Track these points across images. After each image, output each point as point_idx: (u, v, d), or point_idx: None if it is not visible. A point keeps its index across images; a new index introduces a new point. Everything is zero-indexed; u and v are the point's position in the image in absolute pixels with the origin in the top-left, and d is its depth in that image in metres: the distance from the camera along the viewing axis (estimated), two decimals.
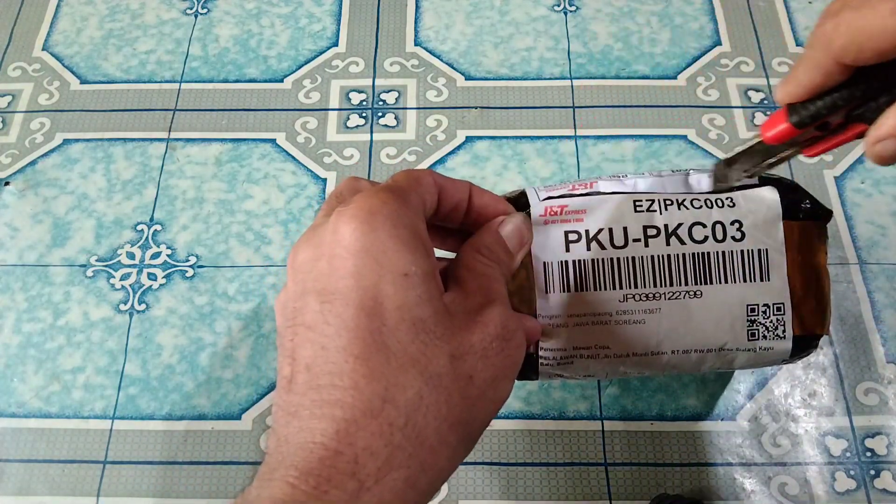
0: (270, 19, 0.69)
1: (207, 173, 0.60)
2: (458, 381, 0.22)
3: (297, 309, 0.22)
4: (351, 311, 0.21)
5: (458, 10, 0.68)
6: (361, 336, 0.20)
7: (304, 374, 0.21)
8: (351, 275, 0.21)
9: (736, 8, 0.68)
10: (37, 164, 0.61)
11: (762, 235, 0.34)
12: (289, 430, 0.20)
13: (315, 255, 0.22)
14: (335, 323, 0.21)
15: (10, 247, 0.58)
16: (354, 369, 0.20)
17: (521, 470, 0.48)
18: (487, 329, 0.23)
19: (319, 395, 0.20)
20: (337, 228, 0.22)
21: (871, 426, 0.49)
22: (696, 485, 0.48)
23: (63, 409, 0.52)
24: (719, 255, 0.33)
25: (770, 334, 0.34)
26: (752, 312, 0.34)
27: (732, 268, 0.34)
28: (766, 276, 0.34)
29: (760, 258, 0.34)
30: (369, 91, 0.64)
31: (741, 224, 0.33)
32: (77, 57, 0.67)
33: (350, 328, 0.20)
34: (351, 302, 0.21)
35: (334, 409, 0.20)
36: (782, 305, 0.34)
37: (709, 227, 0.33)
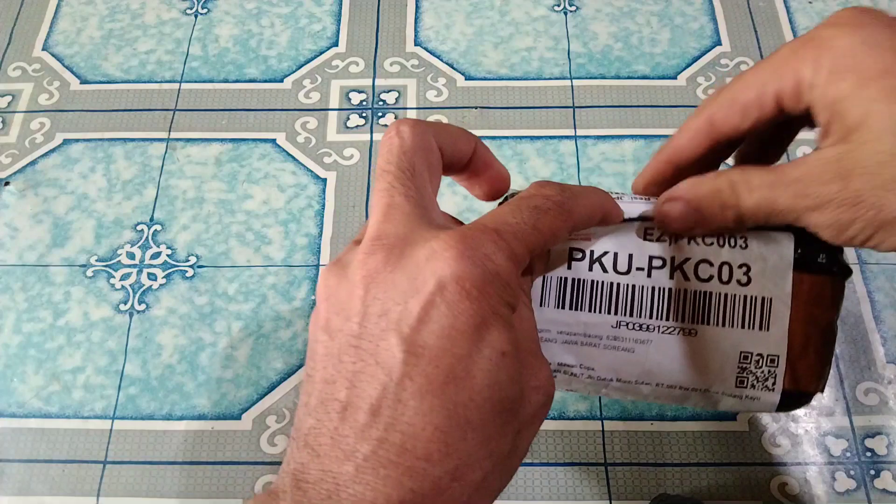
0: (270, 19, 0.69)
1: (207, 173, 0.60)
2: (511, 458, 0.22)
3: (369, 334, 0.20)
4: (441, 376, 0.19)
5: (458, 10, 0.68)
6: (446, 407, 0.19)
7: (368, 415, 0.19)
8: (447, 337, 0.20)
9: (736, 8, 0.68)
10: (37, 164, 0.61)
11: (769, 283, 0.33)
12: (339, 469, 0.19)
13: (408, 288, 0.20)
14: (420, 382, 0.19)
15: (11, 247, 0.58)
16: (432, 440, 0.19)
17: (520, 470, 0.48)
18: (542, 398, 0.23)
19: (386, 452, 0.19)
20: (442, 276, 0.20)
21: (871, 426, 0.49)
22: (696, 485, 0.48)
23: (63, 409, 0.52)
24: (721, 297, 0.33)
25: (759, 384, 0.34)
26: (745, 360, 0.33)
27: (733, 312, 0.33)
28: (766, 326, 0.33)
29: (763, 307, 0.33)
30: (369, 91, 0.64)
31: (749, 269, 0.32)
32: (77, 57, 0.67)
33: (436, 394, 0.19)
34: (441, 367, 0.19)
35: (403, 476, 0.19)
36: (776, 358, 0.33)
37: (716, 266, 0.33)
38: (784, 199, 0.26)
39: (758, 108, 0.27)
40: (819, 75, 0.23)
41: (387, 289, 0.21)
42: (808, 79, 0.24)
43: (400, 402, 0.19)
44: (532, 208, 0.23)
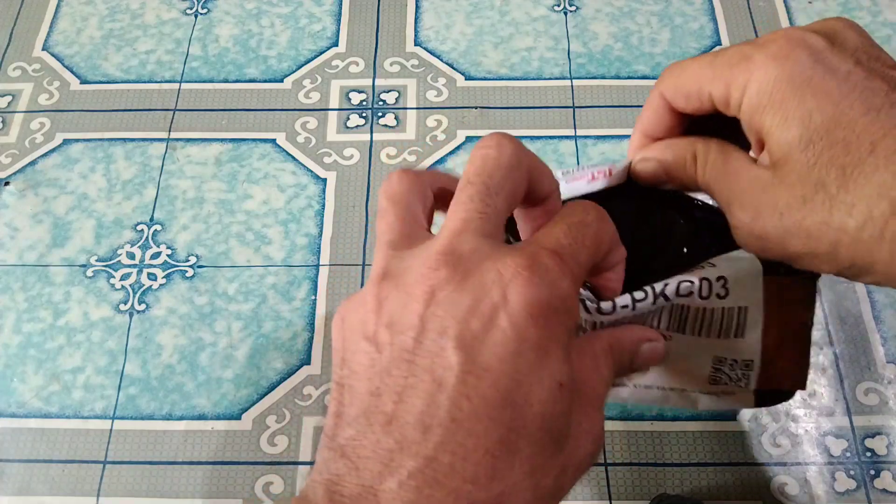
0: (270, 19, 0.69)
1: (207, 173, 0.60)
2: (553, 495, 0.21)
3: (426, 350, 0.20)
4: (498, 399, 0.19)
5: (458, 11, 0.68)
6: (500, 431, 0.19)
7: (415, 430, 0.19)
8: (510, 361, 0.19)
9: (735, 8, 0.68)
10: (37, 164, 0.61)
11: (745, 292, 0.33)
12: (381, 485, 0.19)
13: (472, 307, 0.20)
14: (477, 403, 0.19)
15: (11, 247, 0.58)
16: (481, 464, 0.19)
17: None
18: (592, 447, 0.23)
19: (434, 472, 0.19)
20: (510, 300, 0.20)
21: (871, 426, 0.49)
22: (696, 485, 0.48)
23: (63, 409, 0.52)
24: (700, 312, 0.33)
25: (733, 385, 0.34)
26: (720, 363, 0.33)
27: (710, 324, 0.33)
28: (742, 334, 0.33)
29: (739, 316, 0.33)
30: (369, 91, 0.64)
31: (726, 280, 0.33)
32: (77, 57, 0.67)
33: (492, 418, 0.19)
34: (500, 390, 0.19)
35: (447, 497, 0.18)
36: (751, 363, 0.34)
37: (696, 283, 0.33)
38: (720, 192, 0.27)
39: (697, 101, 0.28)
40: (745, 101, 0.24)
41: (449, 307, 0.20)
42: (737, 99, 0.25)
43: (454, 420, 0.19)
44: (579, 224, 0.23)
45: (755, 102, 0.24)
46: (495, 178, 0.22)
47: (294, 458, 0.49)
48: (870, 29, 0.66)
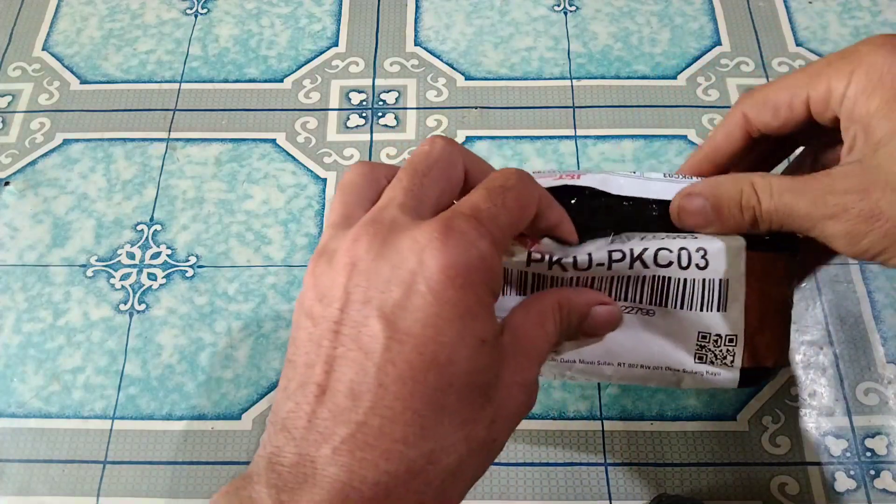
0: (270, 19, 0.69)
1: (207, 173, 0.61)
2: (488, 445, 0.22)
3: (351, 320, 0.21)
4: (423, 362, 0.20)
5: (458, 10, 0.68)
6: (426, 392, 0.20)
7: (346, 398, 0.20)
8: (431, 325, 0.20)
9: (736, 8, 0.68)
10: (37, 164, 0.61)
11: (726, 265, 0.33)
12: (317, 452, 0.19)
13: (391, 276, 0.21)
14: (402, 368, 0.20)
15: (10, 247, 0.58)
16: (409, 424, 0.19)
17: (520, 470, 0.48)
18: (523, 397, 0.23)
19: (364, 436, 0.19)
20: (426, 265, 0.20)
21: (871, 426, 0.49)
22: (695, 485, 0.48)
23: (63, 409, 0.52)
24: (680, 282, 0.33)
25: (718, 361, 0.34)
26: (703, 339, 0.33)
27: (692, 296, 0.33)
28: (724, 307, 0.33)
29: (720, 289, 0.33)
30: (369, 91, 0.64)
31: (706, 252, 0.33)
32: (77, 57, 0.67)
33: (417, 380, 0.20)
34: (423, 354, 0.20)
35: (379, 458, 0.19)
36: (735, 337, 0.34)
37: (675, 252, 0.33)
38: (803, 205, 0.26)
39: (788, 110, 0.28)
40: (851, 89, 0.24)
41: (370, 276, 0.21)
42: (840, 91, 0.25)
43: (381, 386, 0.20)
44: (499, 188, 0.24)
45: (863, 86, 0.24)
46: (422, 165, 0.24)
47: None
48: (870, 29, 0.66)
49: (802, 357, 0.52)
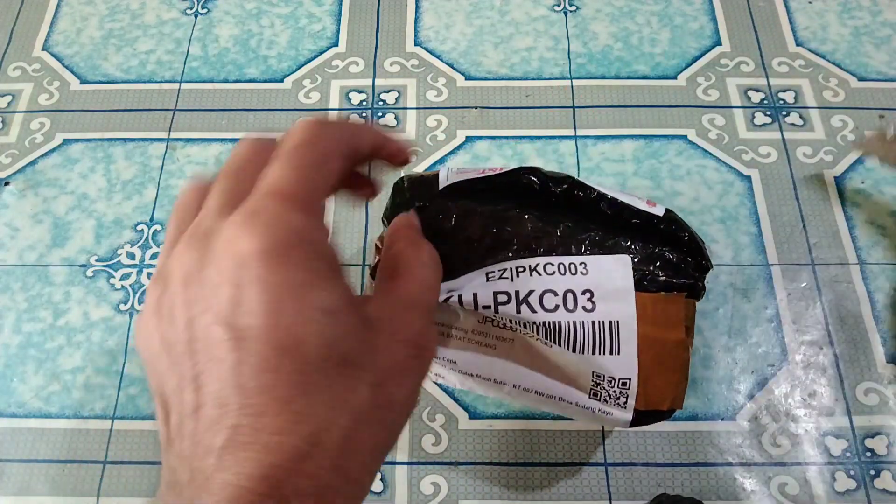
0: (270, 19, 0.69)
1: (207, 173, 0.60)
2: (379, 410, 0.21)
3: (199, 334, 0.21)
4: (271, 350, 0.20)
5: (458, 10, 0.68)
6: (285, 377, 0.19)
7: (217, 409, 0.20)
8: (267, 312, 0.20)
9: (736, 8, 0.68)
10: (37, 164, 0.61)
11: (614, 307, 0.32)
12: (204, 464, 0.19)
13: (219, 280, 0.20)
14: (253, 362, 0.20)
15: (10, 247, 0.58)
16: (280, 413, 0.19)
17: (520, 470, 0.48)
18: (410, 351, 0.23)
19: (241, 437, 0.19)
20: (242, 257, 0.20)
21: (871, 426, 0.49)
22: (695, 485, 0.48)
23: (63, 409, 0.52)
24: (570, 326, 0.32)
25: (612, 401, 0.33)
26: (598, 378, 0.33)
27: (583, 339, 0.32)
28: (616, 350, 0.32)
29: (611, 331, 0.32)
30: (369, 91, 0.64)
31: (592, 294, 0.32)
32: (77, 57, 0.67)
33: (272, 369, 0.19)
34: (270, 342, 0.20)
35: (260, 453, 0.19)
36: (628, 381, 0.33)
37: (560, 295, 0.32)
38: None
39: None
40: None
41: (202, 286, 0.21)
42: None
43: (241, 387, 0.20)
44: (292, 150, 0.24)
45: None
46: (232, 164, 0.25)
47: None
48: (869, 29, 0.66)
49: (802, 357, 0.52)
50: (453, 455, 0.49)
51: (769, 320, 0.53)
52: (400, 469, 0.49)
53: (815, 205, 0.57)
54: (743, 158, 0.59)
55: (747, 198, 0.58)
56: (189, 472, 0.20)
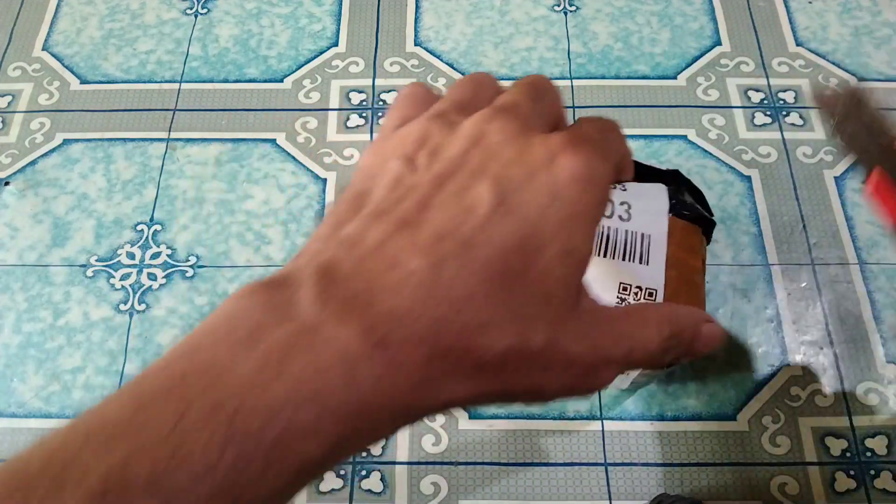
0: (270, 19, 0.69)
1: (207, 173, 0.60)
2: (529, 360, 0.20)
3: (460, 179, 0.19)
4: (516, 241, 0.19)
5: (458, 11, 0.68)
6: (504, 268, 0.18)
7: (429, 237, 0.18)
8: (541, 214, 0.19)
9: (736, 8, 0.68)
10: (37, 164, 0.61)
11: (648, 222, 0.34)
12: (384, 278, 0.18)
13: (516, 159, 0.20)
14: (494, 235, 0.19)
15: (11, 247, 0.58)
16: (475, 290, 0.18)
17: (521, 470, 0.48)
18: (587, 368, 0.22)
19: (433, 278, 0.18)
20: (556, 163, 0.20)
21: (871, 426, 0.49)
22: (696, 485, 0.48)
23: (63, 409, 0.52)
24: (605, 230, 0.34)
25: None
26: (624, 291, 0.34)
27: (614, 244, 0.34)
28: (646, 261, 0.34)
29: (643, 242, 0.34)
30: (369, 91, 0.64)
31: (630, 206, 0.34)
32: (77, 57, 0.67)
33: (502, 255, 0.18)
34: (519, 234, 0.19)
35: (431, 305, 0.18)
36: (654, 291, 0.35)
37: None
38: None
39: None
40: None
41: (493, 152, 0.20)
42: None
43: (467, 244, 0.18)
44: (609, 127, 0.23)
45: None
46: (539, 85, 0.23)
47: None
48: (869, 29, 0.66)
49: (802, 357, 0.52)
50: (453, 455, 0.49)
51: (769, 320, 0.53)
52: (400, 469, 0.49)
53: (815, 205, 0.57)
54: (743, 158, 0.59)
55: (747, 198, 0.58)
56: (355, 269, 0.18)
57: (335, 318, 0.17)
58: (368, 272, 0.18)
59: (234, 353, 0.18)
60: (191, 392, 0.18)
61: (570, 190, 0.20)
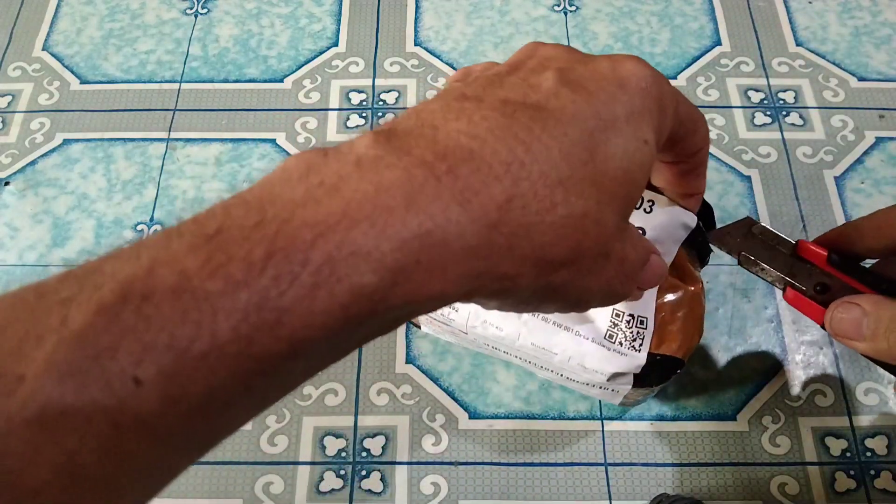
0: (270, 19, 0.69)
1: (207, 173, 0.60)
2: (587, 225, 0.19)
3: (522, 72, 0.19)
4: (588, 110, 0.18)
5: (458, 10, 0.68)
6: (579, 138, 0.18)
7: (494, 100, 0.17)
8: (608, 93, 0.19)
9: (736, 8, 0.68)
10: (37, 164, 0.61)
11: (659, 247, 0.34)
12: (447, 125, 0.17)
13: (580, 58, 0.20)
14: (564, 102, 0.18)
15: (10, 247, 0.58)
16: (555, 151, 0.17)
17: (521, 470, 0.48)
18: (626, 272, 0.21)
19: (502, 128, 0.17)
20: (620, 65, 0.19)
21: (871, 426, 0.49)
22: (696, 485, 0.48)
23: None
24: None
25: (627, 343, 0.34)
26: (617, 317, 0.34)
27: None
28: None
29: None
30: (369, 91, 0.64)
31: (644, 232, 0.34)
32: (77, 57, 0.67)
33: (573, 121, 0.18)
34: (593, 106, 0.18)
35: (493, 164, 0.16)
36: (646, 320, 0.34)
37: None
38: None
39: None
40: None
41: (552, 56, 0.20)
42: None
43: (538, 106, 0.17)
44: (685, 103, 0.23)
45: None
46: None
47: (294, 458, 0.49)
48: (869, 29, 0.66)
49: (802, 357, 0.52)
50: (453, 455, 0.49)
51: (769, 320, 0.53)
52: (400, 469, 0.49)
53: (815, 204, 0.57)
54: (743, 158, 0.59)
55: (747, 198, 0.58)
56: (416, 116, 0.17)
57: (397, 151, 0.16)
58: (430, 125, 0.17)
59: (285, 186, 0.17)
60: (231, 215, 0.16)
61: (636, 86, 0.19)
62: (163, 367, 0.13)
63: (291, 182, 0.16)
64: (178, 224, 0.16)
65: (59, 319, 0.13)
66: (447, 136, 0.16)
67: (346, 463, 0.49)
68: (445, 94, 0.19)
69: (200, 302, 0.14)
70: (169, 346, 0.13)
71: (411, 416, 0.50)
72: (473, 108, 0.17)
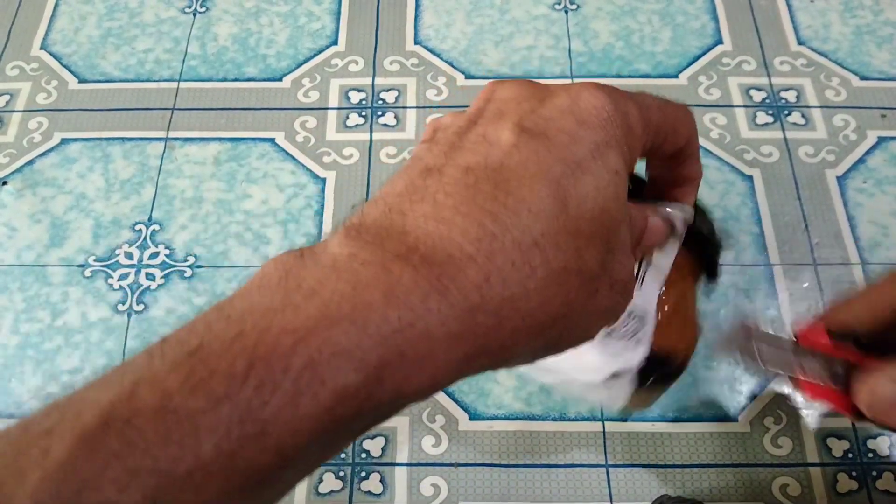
0: (269, 18, 0.68)
1: (206, 173, 0.60)
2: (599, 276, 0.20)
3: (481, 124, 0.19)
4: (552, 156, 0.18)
5: (458, 9, 0.68)
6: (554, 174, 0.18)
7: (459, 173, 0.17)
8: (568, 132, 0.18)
9: (737, 6, 0.67)
10: (35, 163, 0.61)
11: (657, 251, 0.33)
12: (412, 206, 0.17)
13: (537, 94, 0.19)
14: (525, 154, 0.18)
15: (8, 247, 0.57)
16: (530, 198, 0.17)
17: (521, 471, 0.48)
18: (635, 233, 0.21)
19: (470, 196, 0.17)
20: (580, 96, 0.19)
21: (872, 427, 0.49)
22: (697, 486, 0.48)
23: None
24: None
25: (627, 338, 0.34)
26: None
27: None
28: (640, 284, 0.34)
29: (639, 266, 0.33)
30: (369, 90, 0.64)
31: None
32: (75, 56, 0.67)
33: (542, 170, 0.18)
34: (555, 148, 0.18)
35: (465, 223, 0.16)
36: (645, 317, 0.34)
37: None
38: None
39: None
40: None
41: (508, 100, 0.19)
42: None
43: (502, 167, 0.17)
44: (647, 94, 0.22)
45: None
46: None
47: None
48: (871, 28, 0.66)
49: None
50: (453, 456, 0.49)
51: (771, 320, 0.53)
52: (400, 470, 0.48)
53: (817, 204, 0.57)
54: (745, 158, 0.59)
55: (749, 197, 0.57)
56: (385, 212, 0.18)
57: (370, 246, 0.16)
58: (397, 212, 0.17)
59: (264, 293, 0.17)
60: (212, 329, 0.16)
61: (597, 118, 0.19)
62: (148, 492, 0.13)
63: (270, 288, 0.17)
64: (161, 341, 0.16)
65: (41, 452, 0.13)
66: (415, 225, 0.17)
67: (345, 464, 0.49)
68: (410, 168, 0.19)
69: (182, 420, 0.14)
70: (153, 469, 0.13)
71: (411, 417, 0.50)
72: (436, 186, 0.17)
